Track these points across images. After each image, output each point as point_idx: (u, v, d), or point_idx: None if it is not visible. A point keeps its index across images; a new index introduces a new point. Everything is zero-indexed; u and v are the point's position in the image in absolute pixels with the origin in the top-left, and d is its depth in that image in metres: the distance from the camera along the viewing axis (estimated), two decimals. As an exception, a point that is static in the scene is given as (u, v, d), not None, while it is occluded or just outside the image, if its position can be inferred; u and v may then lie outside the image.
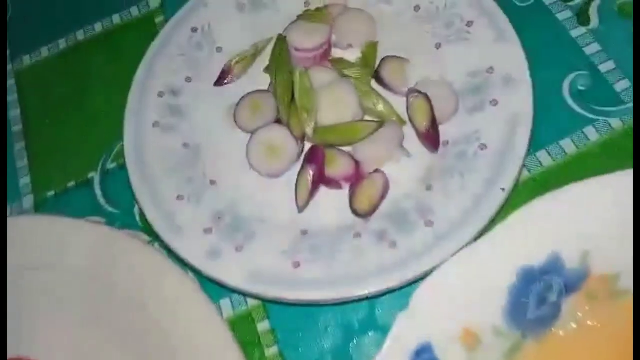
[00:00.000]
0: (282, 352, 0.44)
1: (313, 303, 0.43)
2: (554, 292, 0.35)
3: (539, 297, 0.34)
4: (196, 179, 0.49)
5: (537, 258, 0.34)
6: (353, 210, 0.46)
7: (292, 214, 0.47)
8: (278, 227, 0.46)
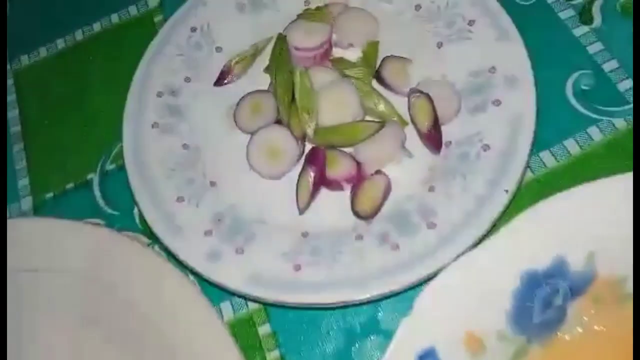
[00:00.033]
0: (283, 356, 0.44)
1: (314, 306, 0.43)
2: (560, 296, 0.34)
3: (544, 301, 0.34)
4: (196, 180, 0.49)
5: (542, 261, 0.34)
6: (354, 212, 0.45)
7: (292, 215, 0.46)
8: (278, 229, 0.46)
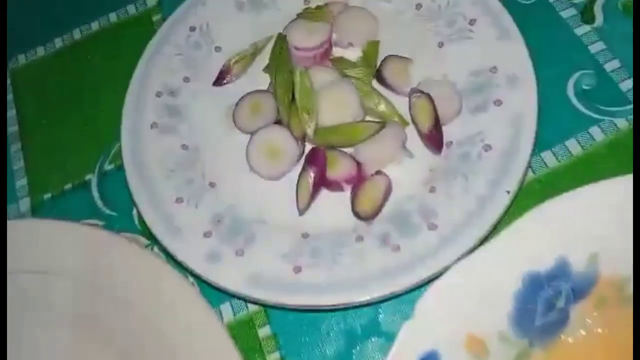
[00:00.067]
0: (283, 359, 0.43)
1: (315, 308, 0.43)
2: (562, 298, 0.34)
3: (546, 303, 0.34)
4: (195, 180, 0.48)
5: (544, 263, 0.34)
6: (355, 212, 0.45)
7: (292, 216, 0.46)
8: (278, 230, 0.45)
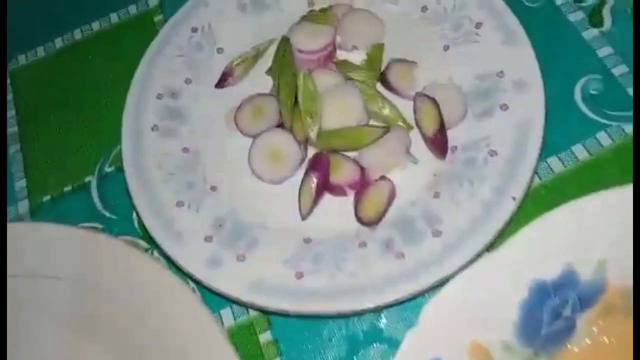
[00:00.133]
0: (284, 365, 0.43)
1: (317, 315, 0.42)
2: (568, 307, 0.33)
3: (552, 312, 0.33)
4: (196, 184, 0.48)
5: (550, 272, 0.33)
6: (358, 218, 0.44)
7: (295, 221, 0.45)
8: (280, 235, 0.45)
